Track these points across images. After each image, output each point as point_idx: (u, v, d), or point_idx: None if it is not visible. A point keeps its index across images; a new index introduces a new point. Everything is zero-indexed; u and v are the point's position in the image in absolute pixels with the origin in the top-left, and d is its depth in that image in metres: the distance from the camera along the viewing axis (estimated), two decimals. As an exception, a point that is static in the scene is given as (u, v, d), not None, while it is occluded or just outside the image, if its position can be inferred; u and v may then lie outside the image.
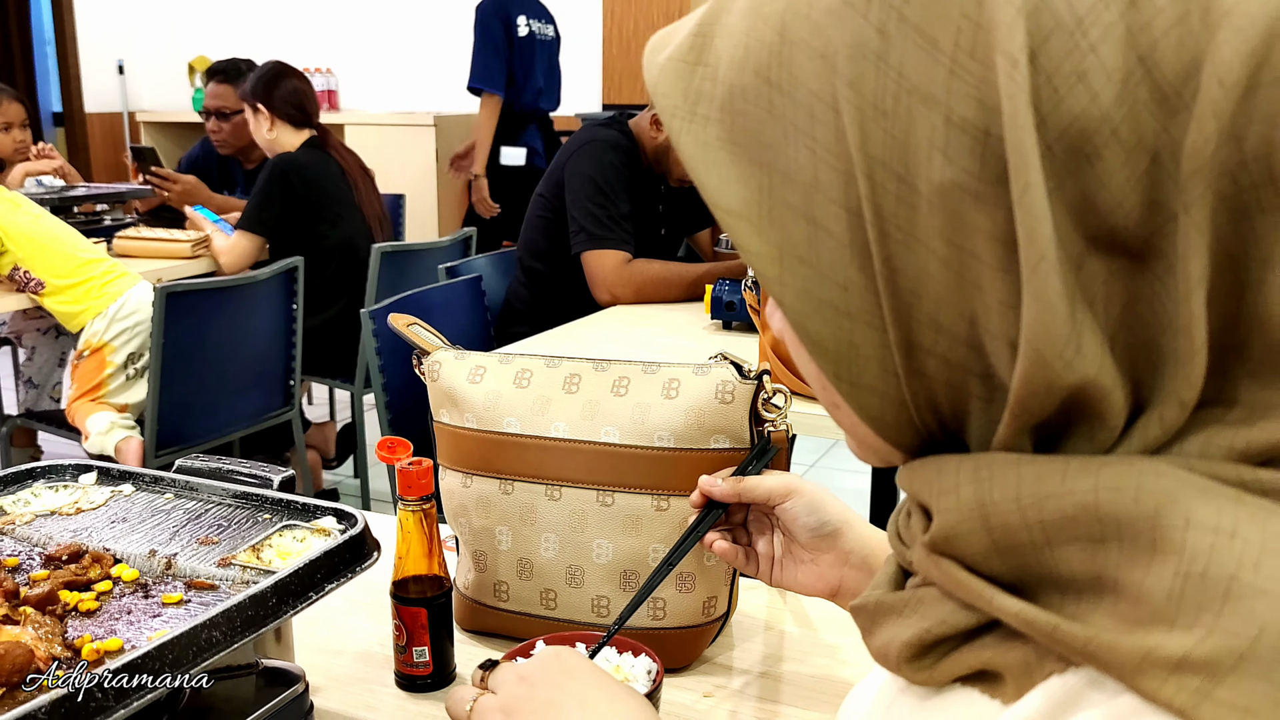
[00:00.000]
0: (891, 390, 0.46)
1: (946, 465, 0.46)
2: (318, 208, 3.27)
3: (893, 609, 0.50)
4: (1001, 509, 0.43)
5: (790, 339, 0.50)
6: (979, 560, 0.44)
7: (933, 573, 0.47)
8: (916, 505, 0.49)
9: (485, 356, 1.04)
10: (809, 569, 0.89)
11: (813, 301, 0.45)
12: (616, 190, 2.53)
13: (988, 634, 0.45)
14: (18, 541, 0.88)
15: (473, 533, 1.03)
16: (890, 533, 0.54)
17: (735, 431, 0.96)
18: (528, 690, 0.68)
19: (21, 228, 2.86)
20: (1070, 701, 0.40)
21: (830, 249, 0.45)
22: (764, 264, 0.46)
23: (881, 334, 0.45)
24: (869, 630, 0.52)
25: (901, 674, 0.49)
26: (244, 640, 0.72)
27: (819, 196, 0.44)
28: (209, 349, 2.74)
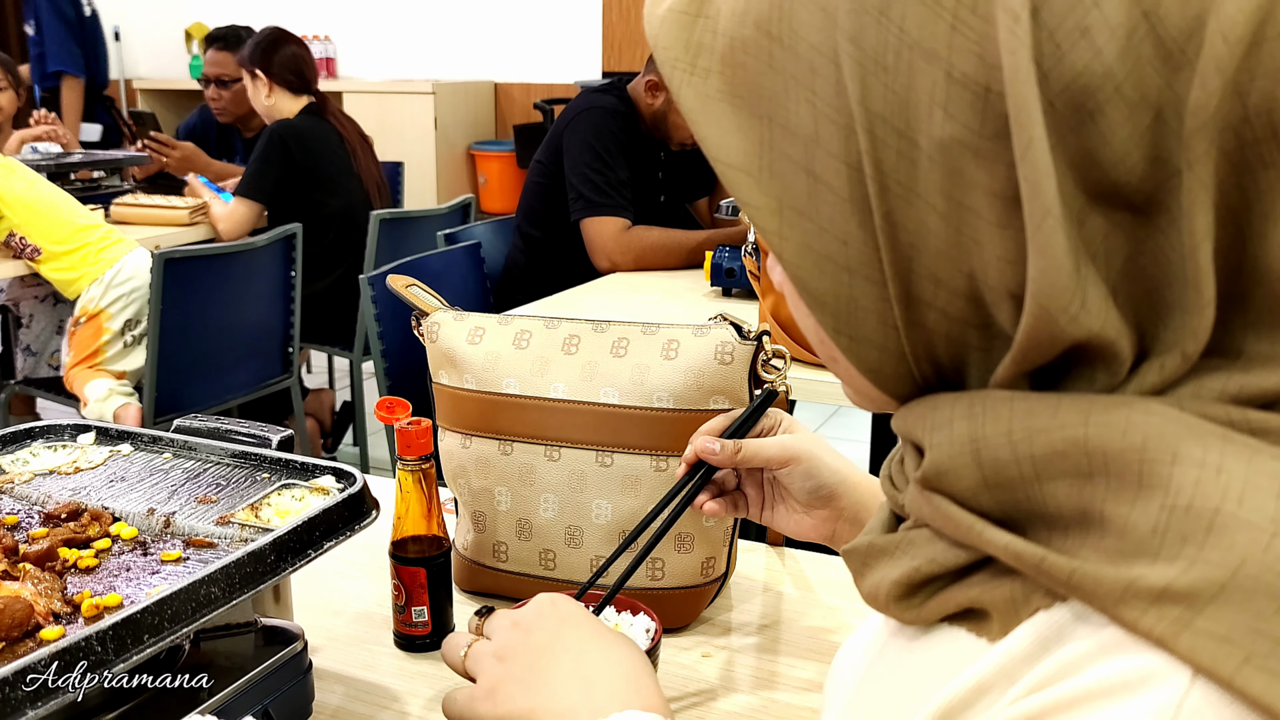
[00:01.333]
0: (890, 343, 0.46)
1: (940, 402, 0.46)
2: (316, 175, 3.26)
3: (884, 551, 0.51)
4: (993, 443, 0.43)
5: (790, 293, 0.50)
6: (969, 495, 0.44)
7: (924, 509, 0.47)
8: (910, 445, 0.50)
9: (484, 317, 1.04)
10: (801, 519, 0.89)
11: (812, 255, 0.45)
12: (615, 157, 2.52)
13: (976, 572, 0.46)
14: (16, 500, 0.87)
15: (472, 493, 1.03)
16: (883, 478, 0.55)
17: (735, 392, 0.96)
18: (522, 636, 0.68)
19: (17, 193, 2.85)
20: (1056, 636, 0.41)
21: (830, 203, 0.44)
22: (763, 217, 0.46)
23: (881, 288, 0.45)
24: (860, 573, 0.53)
25: (890, 614, 0.50)
26: (243, 597, 0.72)
27: (819, 151, 0.44)
28: (207, 316, 2.73)
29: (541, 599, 0.71)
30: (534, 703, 0.65)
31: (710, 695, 0.90)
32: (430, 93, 5.66)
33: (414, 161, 5.43)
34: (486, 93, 6.11)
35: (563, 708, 0.63)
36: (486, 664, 0.68)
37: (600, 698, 0.63)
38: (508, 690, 0.66)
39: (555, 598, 0.71)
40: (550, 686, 0.65)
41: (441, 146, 5.68)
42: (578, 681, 0.65)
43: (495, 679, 0.67)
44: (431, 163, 5.65)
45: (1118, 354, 0.41)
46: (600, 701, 0.63)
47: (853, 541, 0.54)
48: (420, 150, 5.62)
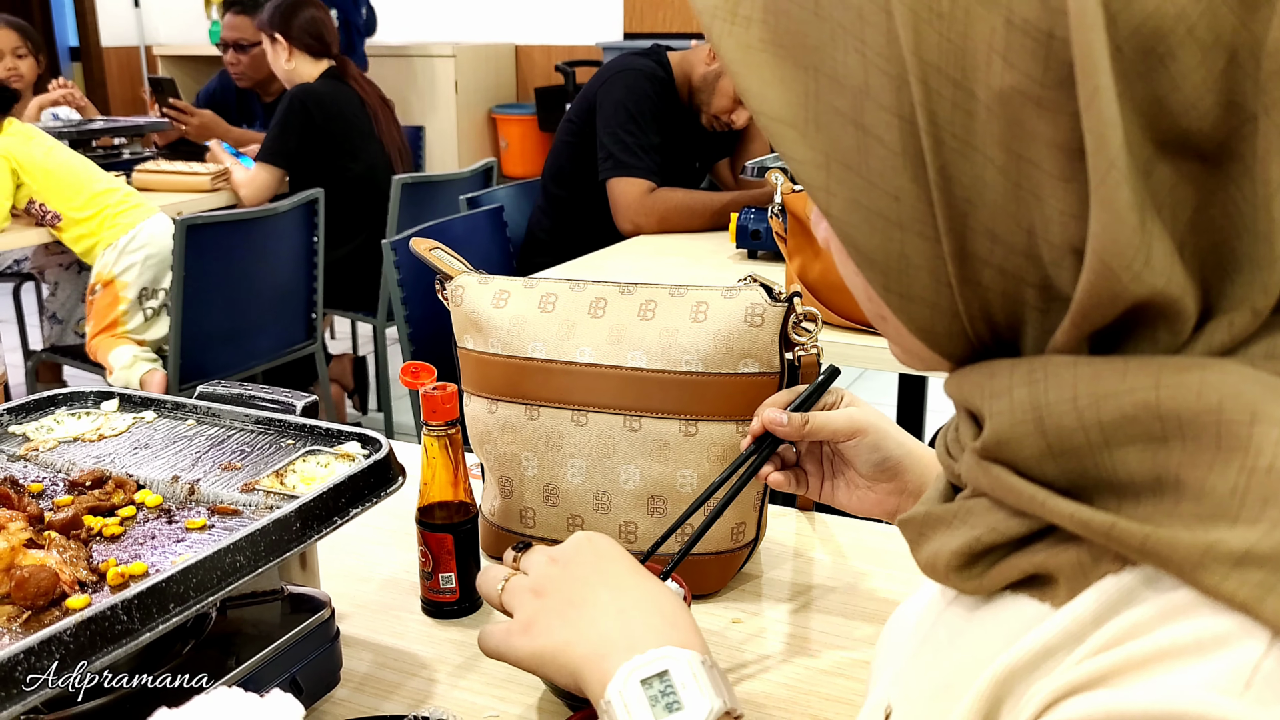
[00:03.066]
0: (943, 301, 0.45)
1: (999, 369, 0.44)
2: (337, 139, 3.24)
3: (941, 520, 0.49)
4: (1057, 410, 0.41)
5: (836, 250, 0.49)
6: (1032, 464, 0.43)
7: (982, 480, 0.45)
8: (965, 413, 0.48)
9: (509, 281, 1.02)
10: (864, 494, 0.87)
11: (862, 211, 0.44)
12: (648, 120, 2.49)
13: (1039, 540, 0.44)
14: (41, 467, 0.87)
15: (498, 459, 1.01)
16: (939, 448, 0.53)
17: (764, 355, 0.94)
18: (560, 570, 0.67)
19: (36, 160, 2.84)
20: (1124, 599, 0.40)
21: (881, 157, 0.43)
22: (810, 172, 0.44)
23: (934, 244, 0.43)
24: (916, 543, 0.51)
25: (950, 584, 0.49)
26: (268, 565, 0.71)
27: (869, 103, 0.42)
28: (230, 282, 2.73)
29: (579, 536, 0.70)
30: (570, 635, 0.64)
31: (740, 662, 0.89)
32: (451, 56, 5.62)
33: (435, 125, 5.41)
34: (507, 55, 6.06)
35: (599, 640, 0.63)
36: (523, 598, 0.67)
37: (637, 631, 0.63)
38: (544, 623, 0.65)
39: (593, 535, 0.70)
40: (587, 619, 0.64)
41: (462, 110, 5.65)
42: (615, 615, 0.64)
43: (532, 613, 0.66)
44: (452, 126, 5.63)
45: (1181, 312, 0.40)
46: (637, 635, 0.62)
47: (909, 511, 0.53)
48: (441, 114, 5.60)
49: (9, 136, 2.86)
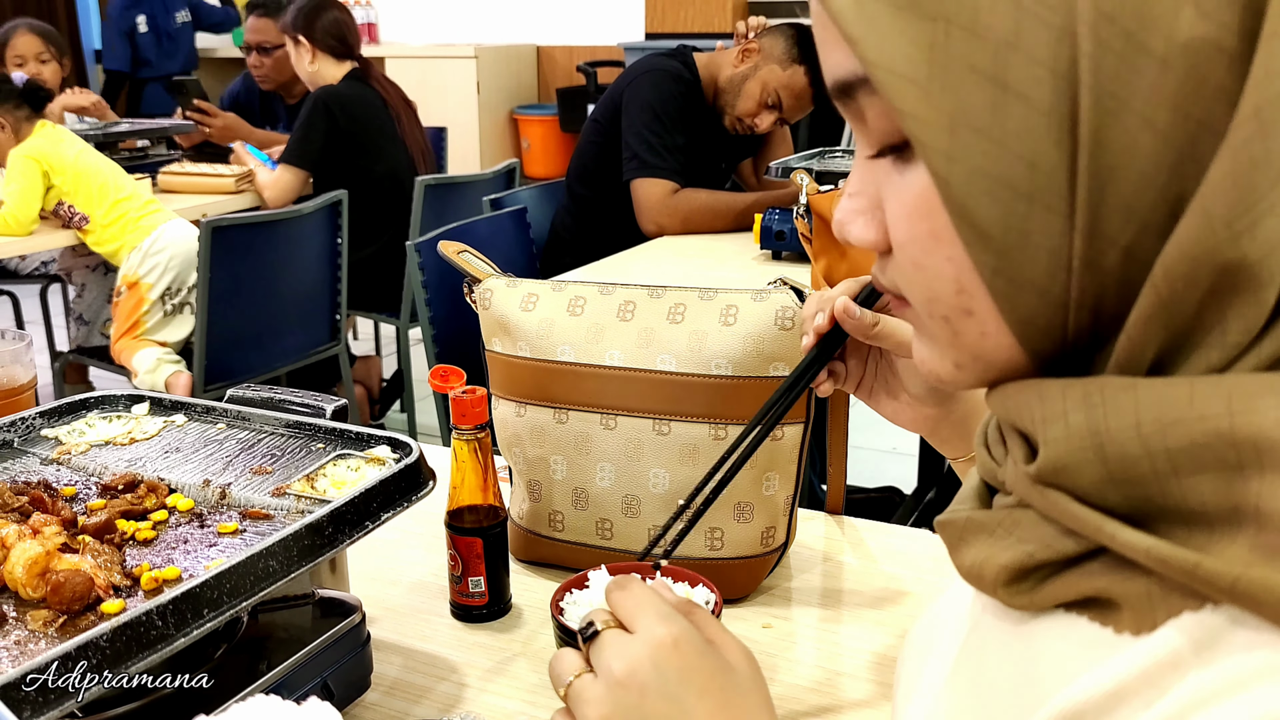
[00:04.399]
0: (1055, 288, 0.41)
1: (1048, 391, 0.42)
2: (361, 141, 3.25)
3: (983, 527, 0.48)
4: (1119, 437, 0.39)
5: (926, 228, 0.43)
6: (1091, 491, 0.41)
7: (1038, 502, 0.44)
8: (1012, 431, 0.46)
9: (537, 284, 1.02)
10: (904, 408, 0.84)
11: (985, 180, 0.40)
12: (674, 121, 2.49)
13: (1094, 560, 0.43)
14: (74, 471, 0.87)
15: (527, 462, 1.01)
16: (977, 445, 0.52)
17: (794, 359, 0.94)
18: (635, 700, 0.54)
19: (67, 161, 2.86)
20: (1213, 641, 0.38)
21: (1020, 118, 0.39)
22: (932, 134, 0.40)
23: (1063, 220, 0.40)
24: (956, 547, 0.50)
25: (998, 597, 0.47)
26: (301, 570, 0.71)
27: (1017, 56, 0.39)
28: (255, 284, 2.74)
29: (663, 641, 0.55)
30: None
31: (771, 667, 0.89)
32: (472, 57, 5.64)
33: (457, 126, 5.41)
34: (529, 56, 6.07)
35: None
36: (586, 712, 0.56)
37: None
38: None
39: (680, 642, 0.55)
40: None
41: (484, 111, 5.66)
42: None
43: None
44: (474, 127, 5.64)
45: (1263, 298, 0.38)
46: None
47: (947, 513, 0.51)
48: (463, 115, 5.61)
49: (41, 138, 2.88)
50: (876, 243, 0.47)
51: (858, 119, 0.46)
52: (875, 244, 0.47)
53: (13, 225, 2.81)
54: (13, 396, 1.06)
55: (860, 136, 0.47)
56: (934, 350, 0.48)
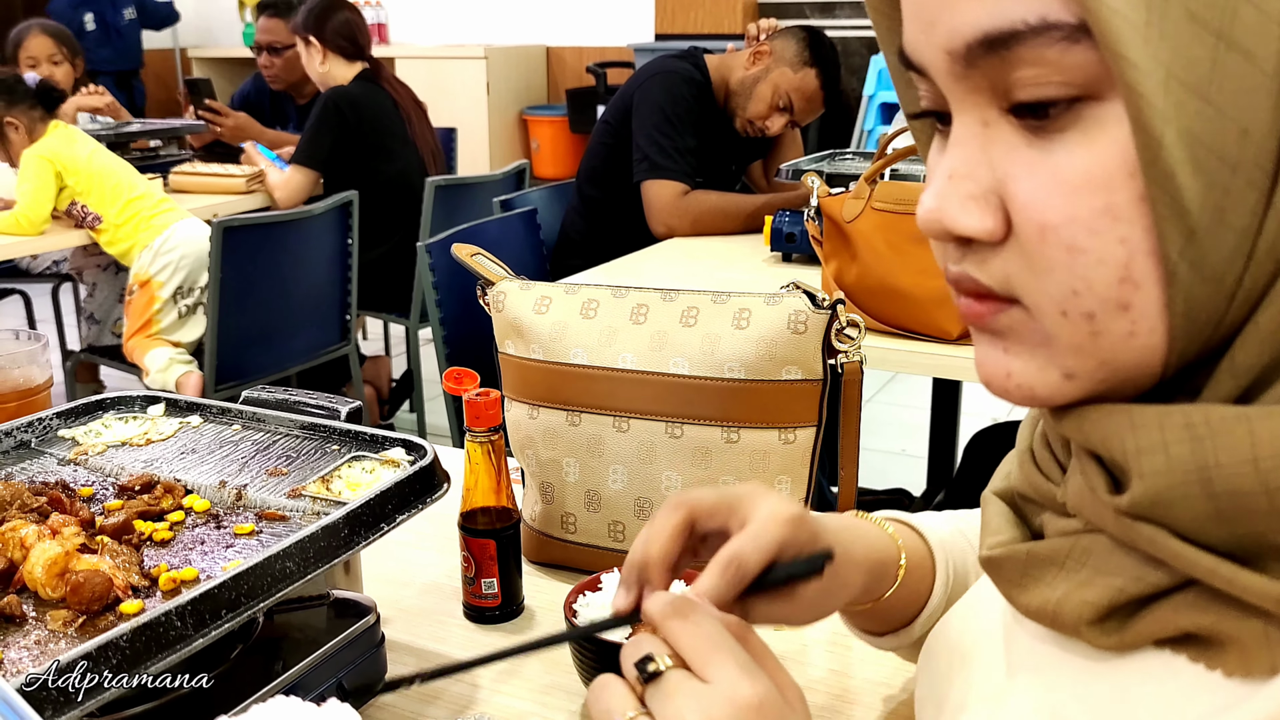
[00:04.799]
0: (1230, 278, 0.38)
1: (1142, 418, 0.39)
2: (371, 141, 3.26)
3: (1050, 561, 0.45)
4: (1230, 473, 0.37)
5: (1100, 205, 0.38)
6: (1191, 527, 0.39)
7: (1127, 536, 0.41)
8: (1087, 455, 0.43)
9: (550, 287, 1.03)
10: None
11: (1195, 146, 0.36)
12: (684, 123, 2.49)
13: (1182, 593, 0.40)
14: (91, 471, 0.88)
15: (539, 464, 1.02)
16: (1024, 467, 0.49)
17: (807, 363, 0.94)
18: None
19: (80, 161, 2.88)
20: None
21: (1240, 77, 0.35)
22: (1148, 85, 0.36)
23: (1261, 198, 0.36)
24: (1018, 584, 0.47)
25: (1081, 637, 0.44)
26: (317, 571, 0.71)
27: (1247, 8, 0.35)
28: (266, 283, 2.75)
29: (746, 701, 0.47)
30: None
31: (784, 670, 0.89)
32: (482, 57, 5.65)
33: (466, 127, 5.42)
34: (538, 57, 6.08)
35: None
36: None
37: None
38: None
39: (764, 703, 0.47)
40: None
41: (494, 112, 5.68)
42: None
43: None
44: (484, 128, 5.65)
45: None
46: None
47: (996, 549, 0.48)
48: (472, 116, 5.62)
49: (54, 138, 2.89)
50: (994, 230, 0.42)
51: (974, 88, 0.42)
52: (992, 231, 0.42)
53: (25, 225, 2.82)
54: (29, 396, 1.07)
55: (969, 111, 0.42)
56: (1041, 358, 0.43)
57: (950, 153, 0.43)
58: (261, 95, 4.10)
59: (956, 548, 0.74)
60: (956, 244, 0.44)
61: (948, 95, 0.43)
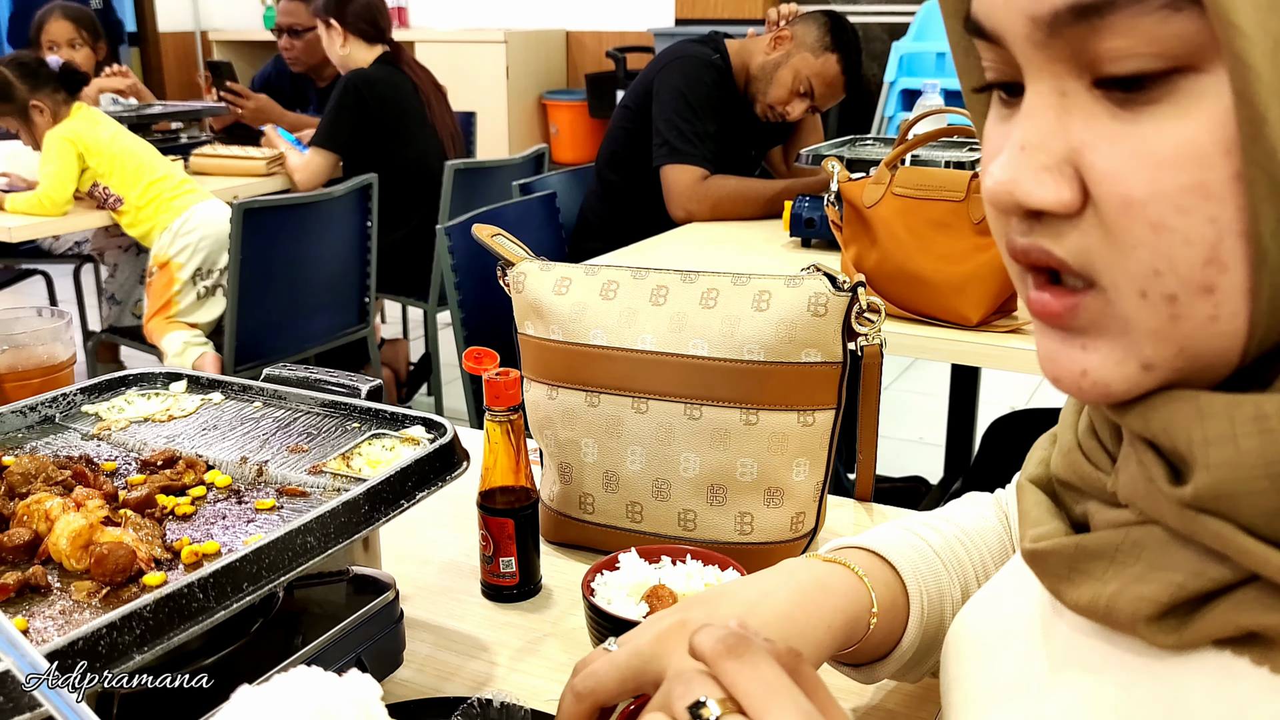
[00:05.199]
0: None
1: (1211, 407, 0.38)
2: (391, 124, 3.26)
3: (1100, 554, 0.44)
4: None
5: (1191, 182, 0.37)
6: (1259, 521, 0.38)
7: (1189, 529, 0.40)
8: (1144, 444, 0.42)
9: (570, 268, 1.03)
10: None
11: None
12: (704, 108, 2.48)
13: (1243, 589, 0.40)
14: (114, 446, 0.88)
15: (558, 445, 1.02)
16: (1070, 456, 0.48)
17: (827, 345, 0.94)
18: None
19: (102, 143, 2.89)
20: None
21: None
22: (1255, 56, 0.34)
23: None
24: (1066, 579, 0.46)
25: (1137, 634, 0.43)
26: (338, 546, 0.72)
27: None
28: (285, 266, 2.76)
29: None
30: None
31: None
32: (502, 41, 5.64)
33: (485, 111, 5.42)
34: (558, 41, 6.07)
35: None
36: None
37: None
38: None
39: None
40: None
41: (513, 96, 5.67)
42: None
43: None
44: (503, 113, 5.65)
45: None
46: None
47: (1041, 542, 0.47)
48: (491, 100, 5.62)
49: (77, 120, 2.91)
50: (1070, 202, 0.40)
51: (1055, 57, 0.40)
52: (1068, 203, 0.40)
53: (48, 206, 2.84)
54: (53, 373, 1.08)
55: (1046, 80, 0.41)
56: (1120, 350, 0.42)
57: (1022, 124, 0.42)
58: (282, 78, 4.11)
59: (930, 576, 0.73)
60: (1024, 218, 0.43)
61: (1023, 64, 0.42)
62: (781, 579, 0.67)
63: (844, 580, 0.68)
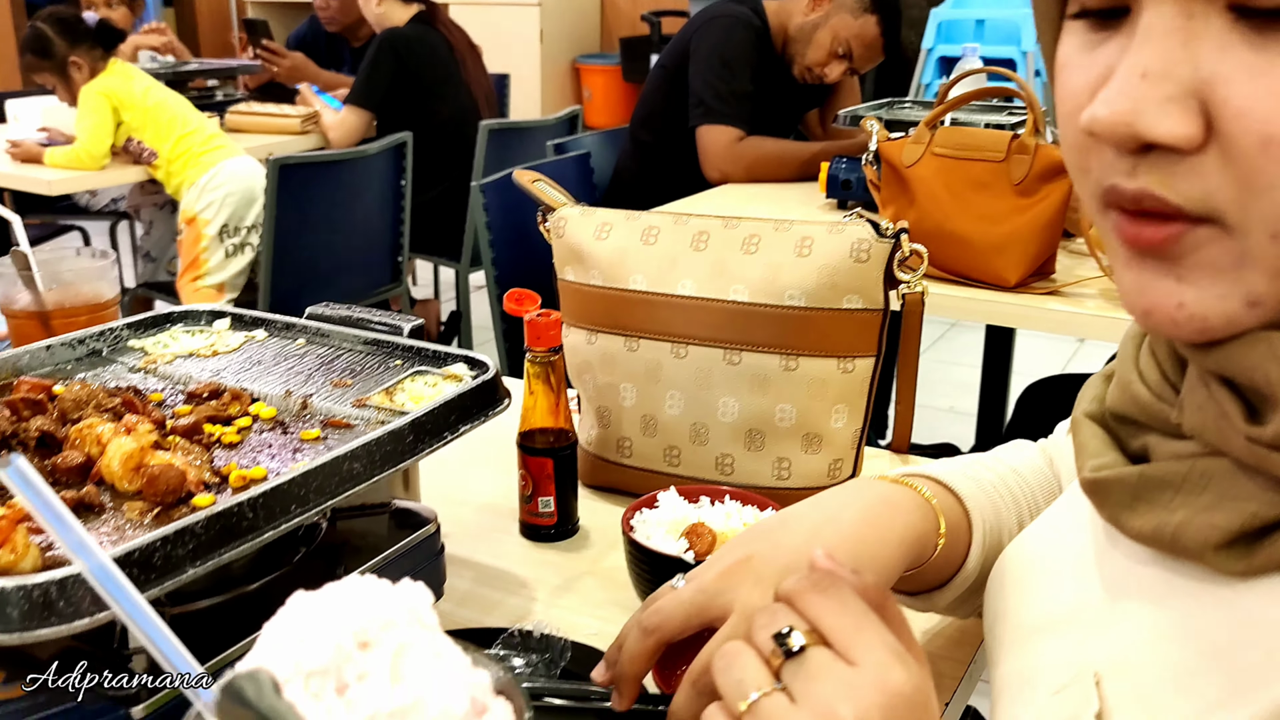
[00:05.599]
0: None
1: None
2: (426, 84, 3.26)
3: (1166, 484, 0.44)
4: None
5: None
6: None
7: (1264, 465, 0.40)
8: (1218, 381, 0.42)
9: (611, 213, 1.03)
10: None
11: None
12: (741, 68, 2.47)
13: None
14: (160, 379, 0.89)
15: (597, 389, 1.02)
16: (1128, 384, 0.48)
17: (869, 292, 0.94)
18: None
19: (136, 97, 2.91)
20: None
21: None
22: None
23: None
24: (1128, 506, 0.46)
25: (1205, 562, 0.43)
26: (383, 474, 0.73)
27: None
28: (319, 223, 2.77)
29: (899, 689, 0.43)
30: None
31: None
32: (536, 4, 5.62)
33: (518, 75, 5.40)
34: (592, 5, 6.04)
35: None
36: None
37: None
38: None
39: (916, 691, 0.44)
40: None
41: (546, 60, 5.65)
42: None
43: None
44: (536, 76, 5.63)
45: None
46: None
47: (1103, 471, 0.48)
48: (525, 63, 5.60)
49: (112, 76, 2.92)
50: (1194, 137, 0.39)
51: None
52: (1192, 138, 0.39)
53: (85, 159, 2.86)
54: (99, 311, 1.09)
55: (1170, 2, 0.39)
56: (1225, 284, 0.41)
57: (1141, 49, 0.39)
58: (317, 37, 4.11)
59: (990, 505, 0.73)
60: (1129, 154, 0.41)
61: None
62: (848, 498, 0.67)
63: (911, 499, 0.69)
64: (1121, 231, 0.42)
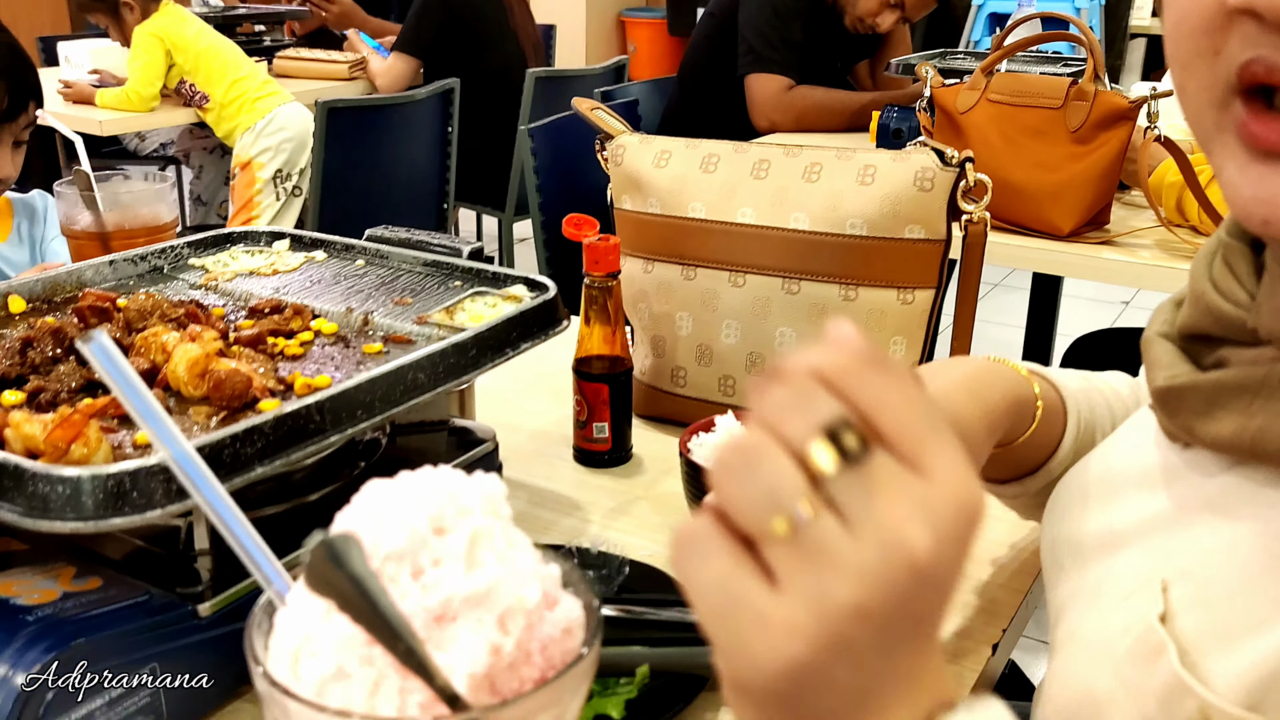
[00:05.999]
0: None
1: None
2: (473, 31, 3.24)
3: (1244, 389, 0.44)
4: None
5: None
6: None
7: None
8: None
9: (671, 141, 1.02)
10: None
11: None
12: (792, 17, 2.44)
13: None
14: (221, 295, 0.90)
15: (652, 318, 1.02)
16: (1203, 288, 0.48)
17: (931, 222, 0.93)
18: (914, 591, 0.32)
19: (188, 39, 2.92)
20: None
21: None
22: None
23: None
24: (1204, 413, 0.46)
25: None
26: (446, 386, 0.73)
27: None
28: (367, 167, 2.78)
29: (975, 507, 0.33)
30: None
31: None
32: (582, -44, 5.57)
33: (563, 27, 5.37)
34: (639, -43, 5.98)
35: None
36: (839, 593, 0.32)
37: None
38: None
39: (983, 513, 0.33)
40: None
41: (592, 12, 5.61)
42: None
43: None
44: (581, 28, 5.60)
45: None
46: None
47: (1174, 380, 0.48)
48: (570, 15, 5.56)
49: (164, 17, 2.93)
50: None
51: None
52: None
53: (135, 101, 2.88)
54: (157, 234, 1.10)
55: None
56: None
57: None
58: (364, -16, 4.10)
59: (1085, 399, 0.73)
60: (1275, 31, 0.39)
61: None
62: (941, 366, 0.67)
63: (1009, 372, 0.68)
64: (1246, 129, 0.41)
